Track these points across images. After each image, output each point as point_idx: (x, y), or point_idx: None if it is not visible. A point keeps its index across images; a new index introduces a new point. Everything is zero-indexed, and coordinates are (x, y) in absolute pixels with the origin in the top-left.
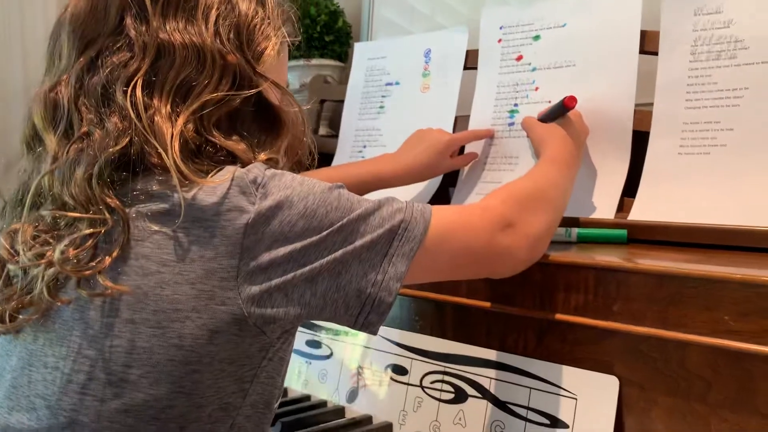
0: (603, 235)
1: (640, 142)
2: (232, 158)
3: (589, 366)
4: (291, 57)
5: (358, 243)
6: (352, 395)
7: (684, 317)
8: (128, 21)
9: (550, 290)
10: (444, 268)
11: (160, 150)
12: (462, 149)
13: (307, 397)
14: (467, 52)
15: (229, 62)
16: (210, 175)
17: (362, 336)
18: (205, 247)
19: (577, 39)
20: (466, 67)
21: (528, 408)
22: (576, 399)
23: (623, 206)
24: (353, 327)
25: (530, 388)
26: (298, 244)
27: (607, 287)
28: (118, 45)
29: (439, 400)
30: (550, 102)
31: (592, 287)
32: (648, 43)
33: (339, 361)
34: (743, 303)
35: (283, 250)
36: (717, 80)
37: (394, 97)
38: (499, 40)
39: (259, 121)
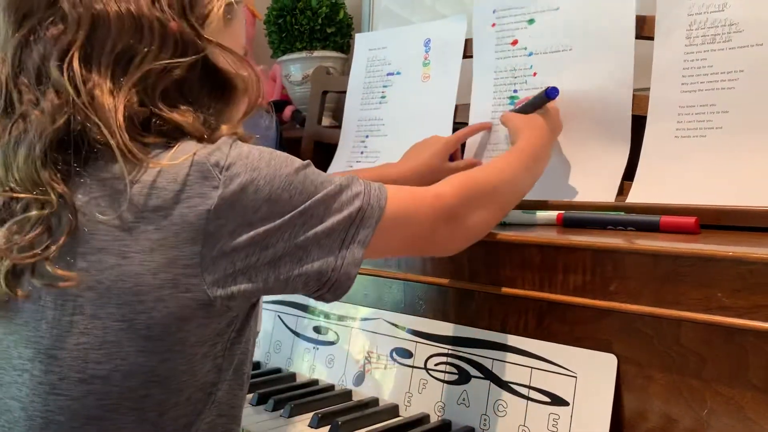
0: None
1: (637, 126)
2: (182, 131)
3: (588, 345)
4: (294, 49)
5: (319, 228)
6: (359, 379)
7: (679, 295)
8: None
9: (550, 272)
10: (393, 248)
11: (103, 127)
12: (462, 149)
13: (315, 382)
14: (466, 40)
15: (169, 30)
16: (167, 156)
17: (368, 322)
18: (165, 235)
19: (571, 22)
20: (465, 56)
21: (529, 387)
22: (576, 377)
23: (624, 190)
24: (307, 296)
25: (531, 367)
26: (260, 229)
27: (604, 268)
28: (52, 18)
29: (444, 381)
30: None
31: (589, 268)
32: (644, 28)
33: (345, 347)
34: (735, 280)
35: (246, 235)
36: (712, 63)
37: (395, 87)
38: (493, 24)
39: (209, 89)
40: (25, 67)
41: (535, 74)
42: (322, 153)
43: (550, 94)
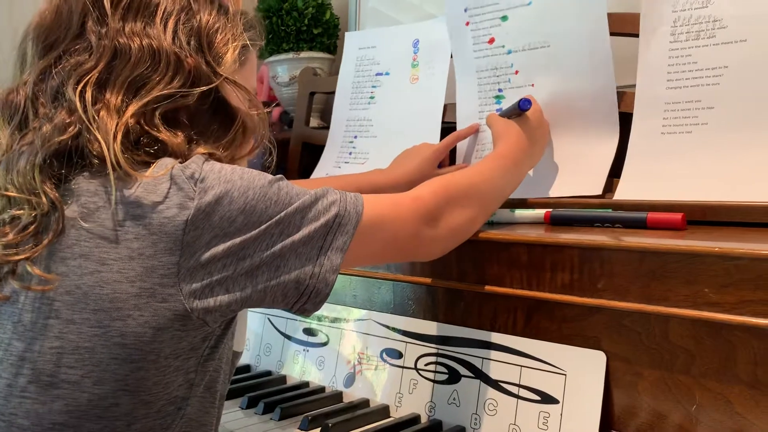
0: None
1: (623, 123)
2: (166, 150)
3: (577, 342)
4: (280, 51)
5: (296, 237)
6: (349, 380)
7: (666, 291)
8: (89, 25)
9: (537, 270)
10: (374, 254)
11: (101, 140)
12: (453, 156)
13: (306, 384)
14: None
15: (185, 64)
16: (148, 171)
17: (358, 323)
18: (144, 245)
19: (544, 17)
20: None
21: (519, 385)
22: (565, 375)
23: (612, 187)
24: (288, 310)
25: (521, 366)
26: (237, 239)
27: (591, 265)
28: (77, 47)
29: (434, 381)
30: (533, 85)
31: (577, 266)
32: (629, 26)
33: (335, 348)
34: (722, 275)
35: (222, 246)
36: (697, 60)
37: (384, 88)
38: (467, 23)
39: (219, 122)
40: (44, 89)
41: (517, 72)
42: (310, 154)
43: (523, 106)
